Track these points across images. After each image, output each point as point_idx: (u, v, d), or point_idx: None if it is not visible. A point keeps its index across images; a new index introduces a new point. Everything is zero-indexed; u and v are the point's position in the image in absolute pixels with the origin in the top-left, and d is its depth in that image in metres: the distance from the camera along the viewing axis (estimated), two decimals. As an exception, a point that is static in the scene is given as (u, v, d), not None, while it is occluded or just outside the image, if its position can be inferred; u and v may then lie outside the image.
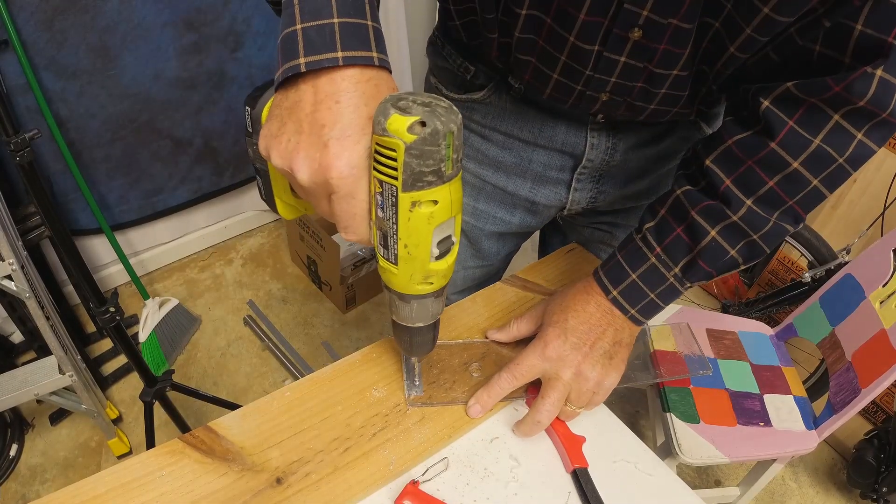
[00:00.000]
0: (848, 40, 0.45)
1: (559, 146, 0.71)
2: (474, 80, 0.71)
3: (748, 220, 0.53)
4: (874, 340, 1.05)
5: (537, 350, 0.58)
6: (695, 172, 0.56)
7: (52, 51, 1.31)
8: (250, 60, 1.66)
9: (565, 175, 0.74)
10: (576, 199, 0.77)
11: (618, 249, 0.60)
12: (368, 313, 1.91)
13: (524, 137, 0.72)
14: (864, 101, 0.45)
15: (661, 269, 0.57)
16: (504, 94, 0.70)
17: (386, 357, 0.64)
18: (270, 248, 2.09)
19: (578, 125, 0.69)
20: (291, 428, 0.56)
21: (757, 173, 0.52)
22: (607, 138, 0.69)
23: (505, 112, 0.71)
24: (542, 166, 0.74)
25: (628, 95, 0.60)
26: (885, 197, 1.51)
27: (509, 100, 0.70)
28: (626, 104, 0.61)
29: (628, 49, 0.54)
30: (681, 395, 1.14)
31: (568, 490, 0.56)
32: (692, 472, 1.55)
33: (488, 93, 0.71)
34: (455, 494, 0.54)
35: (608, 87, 0.59)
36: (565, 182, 0.75)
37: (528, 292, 0.75)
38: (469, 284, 0.94)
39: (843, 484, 1.55)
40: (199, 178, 1.80)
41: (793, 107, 0.49)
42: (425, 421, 0.58)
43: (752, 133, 0.52)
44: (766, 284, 1.89)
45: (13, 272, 1.09)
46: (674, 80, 0.57)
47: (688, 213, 0.55)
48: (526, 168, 0.75)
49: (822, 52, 0.47)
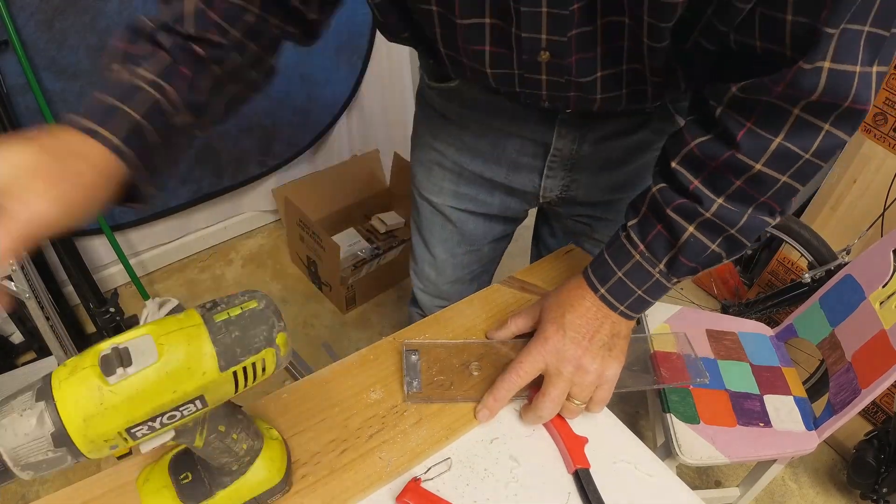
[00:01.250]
0: (783, 31, 0.43)
1: (530, 135, 0.72)
2: (447, 75, 0.72)
3: (722, 217, 0.53)
4: (874, 341, 1.05)
5: (538, 346, 0.58)
6: (664, 171, 0.56)
7: (52, 51, 1.32)
8: (250, 61, 1.66)
9: (538, 162, 0.75)
10: (548, 187, 0.78)
11: (605, 247, 0.61)
12: (369, 314, 1.91)
13: (497, 125, 0.73)
14: (818, 94, 0.44)
15: (645, 266, 0.57)
16: (473, 87, 0.71)
17: (383, 359, 0.64)
18: (270, 249, 2.09)
19: (548, 116, 0.70)
20: (288, 430, 0.56)
21: (723, 175, 0.51)
22: (575, 129, 0.70)
23: (477, 101, 0.73)
24: (516, 153, 0.75)
25: (566, 103, 0.61)
26: (885, 197, 1.51)
27: (479, 89, 0.71)
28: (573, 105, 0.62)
29: (544, 69, 0.55)
30: (681, 396, 1.14)
31: (568, 490, 0.56)
32: (692, 472, 1.55)
33: (460, 84, 0.72)
34: (455, 495, 0.54)
35: (544, 98, 0.60)
36: (538, 169, 0.76)
37: (526, 293, 0.75)
38: (461, 273, 0.95)
39: (843, 485, 1.55)
40: (199, 178, 1.80)
41: (748, 108, 0.48)
42: (422, 423, 0.58)
43: (712, 137, 0.51)
44: (766, 285, 1.88)
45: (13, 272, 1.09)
46: (603, 81, 0.56)
47: (664, 211, 0.55)
48: (500, 155, 0.76)
49: (763, 46, 0.46)
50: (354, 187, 2.06)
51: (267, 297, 0.40)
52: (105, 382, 0.34)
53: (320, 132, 1.98)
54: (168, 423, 0.37)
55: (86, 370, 0.34)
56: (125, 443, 0.36)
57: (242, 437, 0.45)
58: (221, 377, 0.37)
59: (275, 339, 0.39)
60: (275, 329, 0.39)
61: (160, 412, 0.36)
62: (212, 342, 0.37)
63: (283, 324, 0.40)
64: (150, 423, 0.36)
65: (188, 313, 0.38)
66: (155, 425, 0.36)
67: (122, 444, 0.36)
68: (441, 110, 0.78)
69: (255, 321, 0.38)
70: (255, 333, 0.38)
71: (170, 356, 0.35)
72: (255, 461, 0.47)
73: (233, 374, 0.38)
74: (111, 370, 0.34)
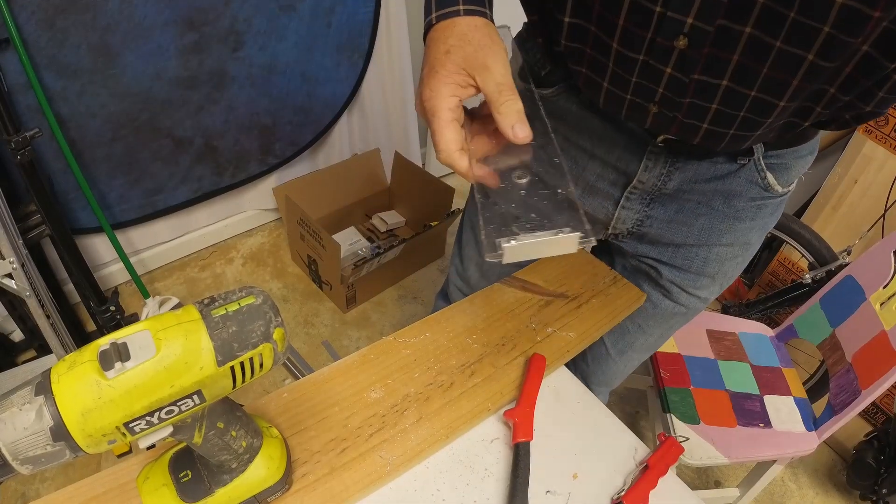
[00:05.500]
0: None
1: (614, 161, 0.70)
2: (549, 76, 0.70)
3: None
4: (874, 342, 1.05)
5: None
6: None
7: (52, 50, 1.31)
8: (251, 60, 1.66)
9: (616, 191, 0.72)
10: (622, 218, 0.74)
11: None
12: (369, 313, 1.91)
13: (582, 144, 0.71)
14: None
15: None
16: (571, 98, 0.70)
17: (383, 358, 0.64)
18: (271, 248, 2.09)
19: (637, 145, 0.67)
20: (289, 429, 0.56)
21: None
22: (664, 164, 0.67)
23: (569, 114, 0.71)
24: (595, 176, 0.73)
25: (678, 111, 0.57)
26: (885, 198, 1.51)
27: (575, 104, 0.69)
28: (679, 122, 0.58)
29: (673, 60, 0.52)
30: (681, 396, 1.14)
31: (569, 491, 0.56)
32: (692, 472, 1.55)
33: (557, 91, 0.70)
34: (455, 494, 0.54)
35: (656, 98, 0.57)
36: (614, 198, 0.73)
37: (528, 293, 0.75)
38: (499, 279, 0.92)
39: (843, 485, 1.54)
40: (199, 177, 1.80)
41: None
42: (423, 422, 0.58)
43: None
44: (767, 285, 1.88)
45: (13, 270, 1.09)
46: (725, 93, 0.52)
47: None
48: (579, 175, 0.74)
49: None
50: (355, 186, 2.06)
51: (264, 293, 0.40)
52: (103, 377, 0.34)
53: (321, 131, 1.98)
54: (166, 419, 0.37)
55: (84, 365, 0.34)
56: (123, 437, 0.36)
57: (241, 434, 0.45)
58: (219, 372, 0.37)
59: (272, 335, 0.39)
60: (272, 324, 0.39)
61: (158, 407, 0.36)
62: (209, 337, 0.37)
63: (280, 319, 0.40)
64: (147, 418, 0.36)
65: (186, 309, 0.38)
66: (153, 420, 0.36)
67: (121, 439, 0.36)
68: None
69: (253, 316, 0.38)
70: (253, 329, 0.38)
71: (167, 351, 0.35)
72: (254, 459, 0.47)
73: (230, 368, 0.38)
74: (109, 365, 0.34)
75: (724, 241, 0.72)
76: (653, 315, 0.81)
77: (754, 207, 0.69)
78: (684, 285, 0.77)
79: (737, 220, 0.70)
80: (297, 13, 1.64)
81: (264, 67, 1.69)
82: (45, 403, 0.33)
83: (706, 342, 1.26)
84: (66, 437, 0.34)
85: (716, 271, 0.76)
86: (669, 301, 0.80)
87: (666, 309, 0.81)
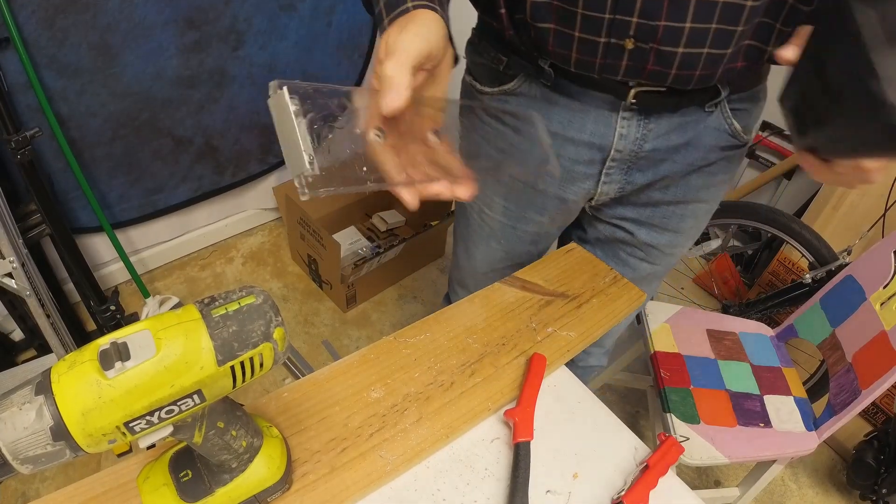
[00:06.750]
0: None
1: (587, 138, 0.71)
2: (507, 70, 0.71)
3: None
4: (875, 342, 1.05)
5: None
6: None
7: (53, 49, 1.31)
8: (251, 59, 1.66)
9: (594, 169, 0.74)
10: (604, 191, 0.77)
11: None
12: (369, 312, 1.91)
13: (553, 129, 0.72)
14: None
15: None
16: (534, 84, 0.70)
17: (384, 358, 0.64)
18: (271, 247, 2.09)
19: (608, 114, 0.68)
20: (289, 428, 0.56)
21: None
22: (637, 127, 0.68)
23: (535, 103, 0.71)
24: (571, 161, 0.74)
25: (653, 39, 0.57)
26: (886, 198, 1.50)
27: (539, 90, 0.70)
28: (655, 52, 0.58)
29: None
30: (681, 396, 1.14)
31: (569, 491, 0.56)
32: (692, 472, 1.55)
33: (519, 82, 0.71)
34: (455, 494, 0.54)
35: (631, 31, 0.57)
36: (594, 177, 0.75)
37: (527, 292, 0.75)
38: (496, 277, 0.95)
39: (843, 485, 1.54)
40: (199, 176, 1.80)
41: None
42: (423, 421, 0.58)
43: None
44: (767, 285, 1.88)
45: (13, 270, 1.09)
46: (696, 6, 0.54)
47: None
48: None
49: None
50: (355, 186, 2.06)
51: (265, 292, 0.40)
52: (103, 376, 0.34)
53: (321, 131, 1.98)
54: (166, 418, 0.37)
55: (84, 364, 0.34)
56: (123, 437, 0.36)
57: (241, 434, 0.45)
58: (219, 371, 0.37)
59: (272, 334, 0.39)
60: (272, 324, 0.39)
61: (158, 406, 0.36)
62: (209, 336, 0.37)
63: (280, 319, 0.40)
64: (147, 418, 0.36)
65: (186, 308, 0.38)
66: (153, 420, 0.36)
67: (121, 439, 0.36)
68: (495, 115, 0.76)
69: (253, 316, 0.38)
70: (253, 328, 0.38)
71: (168, 350, 0.35)
72: (254, 459, 0.47)
73: (230, 368, 0.38)
74: (109, 364, 0.34)
75: (701, 196, 0.77)
76: (633, 280, 0.82)
77: (725, 160, 0.74)
78: (660, 245, 0.83)
79: (711, 174, 0.75)
80: (297, 12, 1.64)
81: (265, 66, 1.69)
82: (45, 403, 0.33)
83: (706, 342, 1.26)
84: (67, 436, 0.34)
85: (690, 227, 0.82)
86: (647, 263, 0.86)
87: (643, 271, 0.86)
